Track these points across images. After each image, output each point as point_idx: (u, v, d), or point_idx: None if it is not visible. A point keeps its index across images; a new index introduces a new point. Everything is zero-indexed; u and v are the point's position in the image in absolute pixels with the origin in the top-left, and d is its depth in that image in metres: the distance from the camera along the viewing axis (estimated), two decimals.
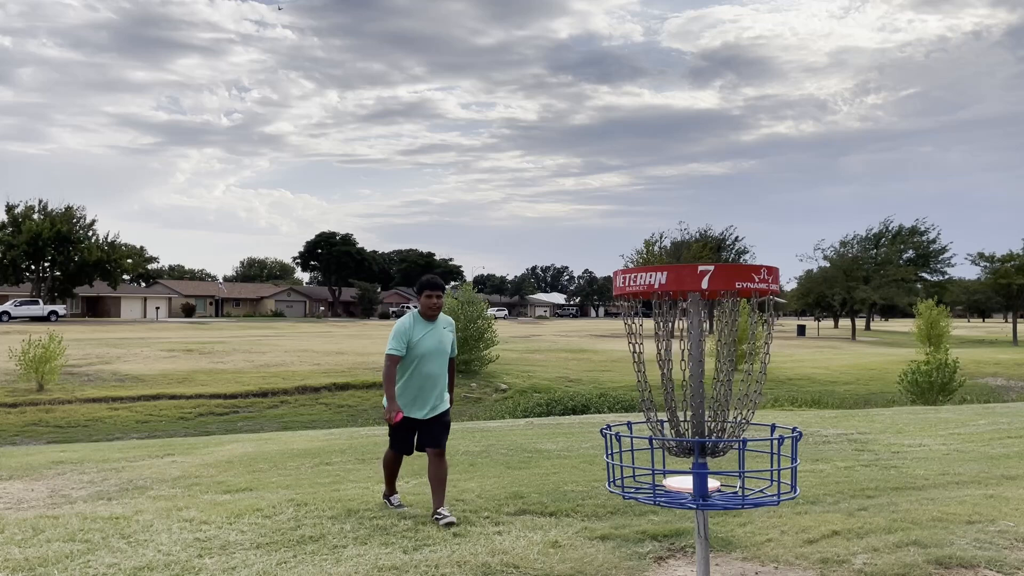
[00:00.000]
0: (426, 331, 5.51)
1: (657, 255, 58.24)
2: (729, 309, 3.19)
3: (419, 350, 5.45)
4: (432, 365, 5.49)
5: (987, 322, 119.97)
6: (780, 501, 3.02)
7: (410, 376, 5.50)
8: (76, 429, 17.75)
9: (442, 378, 5.57)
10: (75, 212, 66.32)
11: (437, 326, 5.56)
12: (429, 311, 5.51)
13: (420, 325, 5.53)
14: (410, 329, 5.50)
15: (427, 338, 5.49)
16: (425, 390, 5.51)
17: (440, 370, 5.54)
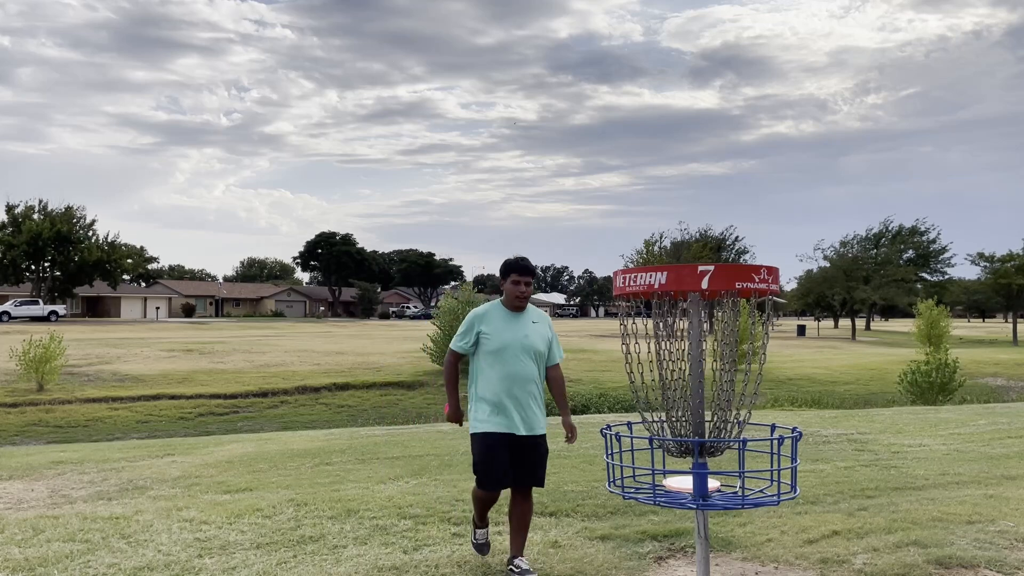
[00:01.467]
0: (507, 322, 4.47)
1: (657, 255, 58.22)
2: (729, 309, 3.20)
3: (494, 344, 4.41)
4: (517, 364, 4.39)
5: (987, 322, 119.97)
6: (780, 501, 3.02)
7: (488, 375, 4.44)
8: (76, 429, 17.75)
9: (533, 384, 4.45)
10: (75, 212, 66.31)
11: (523, 318, 4.52)
12: (516, 301, 4.48)
13: (498, 314, 4.51)
14: (482, 318, 4.50)
15: (507, 330, 4.44)
16: (515, 395, 4.37)
17: (529, 373, 4.42)
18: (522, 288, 4.47)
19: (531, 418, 4.42)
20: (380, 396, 23.55)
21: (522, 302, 4.49)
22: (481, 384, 4.46)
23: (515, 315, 4.51)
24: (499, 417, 4.36)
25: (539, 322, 4.57)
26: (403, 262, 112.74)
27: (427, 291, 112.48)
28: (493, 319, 4.49)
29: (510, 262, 4.50)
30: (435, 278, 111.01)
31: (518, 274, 4.47)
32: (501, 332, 4.44)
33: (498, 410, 4.36)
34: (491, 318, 4.49)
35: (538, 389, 4.49)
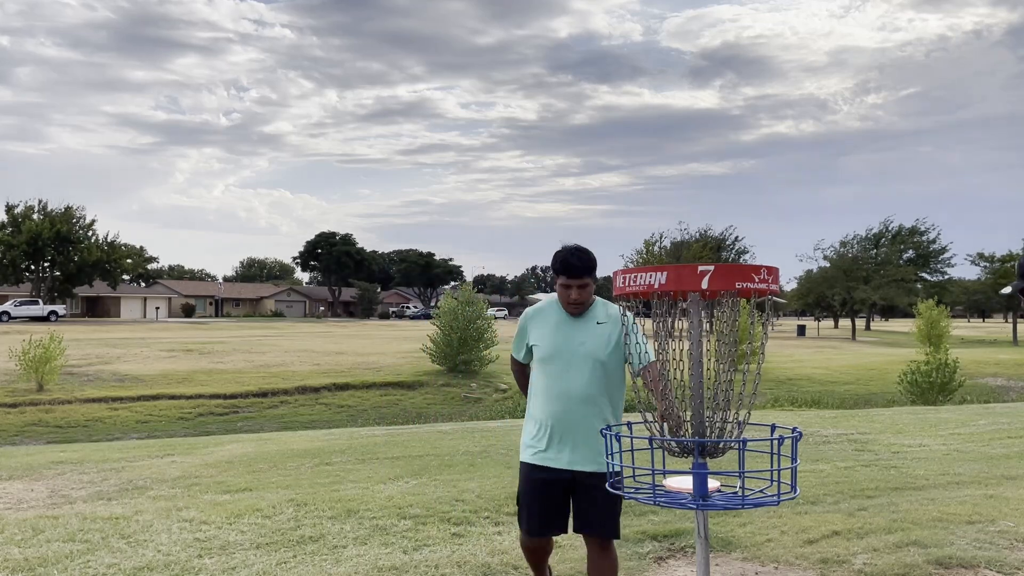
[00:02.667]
0: (562, 323, 3.58)
1: (657, 255, 58.26)
2: (729, 309, 3.19)
3: (542, 351, 3.55)
4: (569, 378, 3.49)
5: (987, 322, 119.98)
6: (780, 501, 3.02)
7: (537, 391, 3.59)
8: (76, 429, 17.75)
9: (593, 406, 3.49)
10: (75, 212, 66.33)
11: (584, 319, 3.57)
12: (568, 308, 3.57)
13: (553, 314, 3.62)
14: (533, 317, 3.69)
15: (560, 334, 3.55)
16: (565, 419, 3.47)
17: (586, 390, 3.48)
18: (573, 294, 3.48)
19: (584, 450, 3.46)
20: (380, 396, 23.55)
21: (577, 309, 3.54)
22: (531, 400, 3.64)
23: (573, 318, 3.58)
24: (543, 444, 3.51)
25: (605, 322, 3.54)
26: (403, 262, 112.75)
27: (427, 291, 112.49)
28: (545, 320, 3.62)
29: (557, 257, 3.50)
30: (435, 278, 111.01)
31: (567, 277, 3.46)
32: (552, 336, 3.55)
33: (543, 436, 3.51)
34: (543, 318, 3.63)
35: (601, 411, 3.49)
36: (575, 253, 3.46)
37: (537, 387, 3.59)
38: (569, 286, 3.49)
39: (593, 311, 3.58)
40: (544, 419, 3.51)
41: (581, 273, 3.47)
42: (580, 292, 3.49)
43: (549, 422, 3.50)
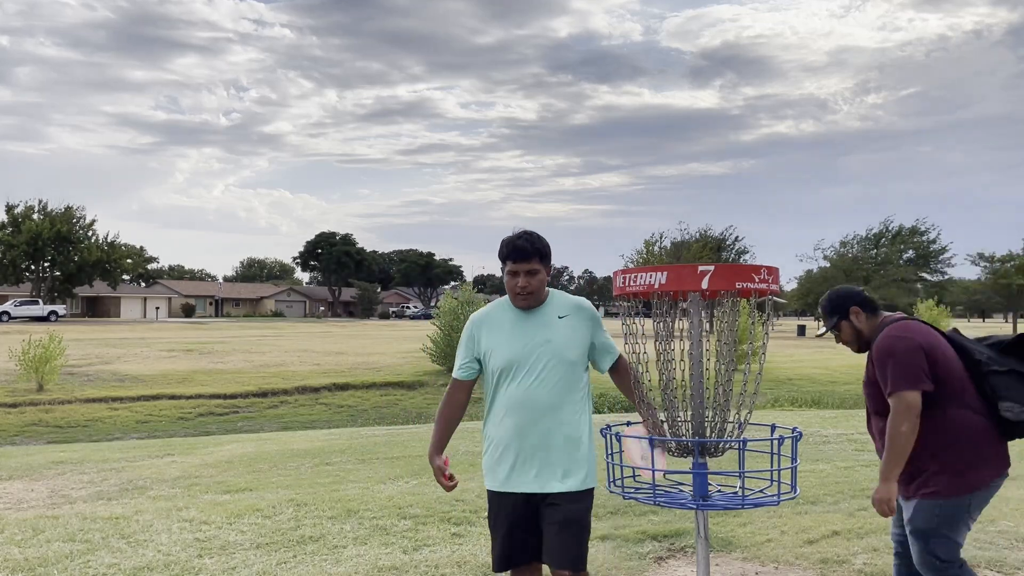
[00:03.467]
0: (517, 325, 3.09)
1: (657, 255, 58.25)
2: (729, 309, 3.20)
3: (499, 358, 3.07)
4: (534, 386, 3.02)
5: (987, 322, 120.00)
6: (780, 501, 3.02)
7: (496, 405, 3.12)
8: (76, 429, 17.75)
9: (560, 416, 3.04)
10: (75, 212, 66.35)
11: (542, 315, 3.10)
12: (516, 300, 3.10)
13: (505, 315, 3.14)
14: (482, 322, 3.18)
15: (517, 337, 3.07)
16: (530, 433, 3.02)
17: (553, 398, 3.03)
18: (520, 282, 3.02)
19: (553, 468, 3.01)
20: (380, 396, 23.54)
21: (528, 300, 3.06)
22: (489, 418, 3.16)
23: (526, 314, 3.10)
24: (505, 468, 3.06)
25: (569, 315, 3.11)
26: (403, 262, 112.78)
27: (427, 291, 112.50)
28: (497, 323, 3.13)
29: (503, 242, 3.10)
30: (435, 278, 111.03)
31: (514, 261, 3.03)
32: (508, 341, 3.06)
33: (505, 457, 3.06)
34: (494, 322, 3.14)
35: (570, 421, 3.05)
36: (523, 235, 3.06)
37: (493, 403, 3.13)
38: (516, 272, 3.03)
39: (551, 304, 3.12)
40: (503, 437, 3.06)
41: (529, 256, 3.02)
42: (528, 280, 3.02)
43: (509, 440, 3.04)
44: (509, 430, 3.05)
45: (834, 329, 3.38)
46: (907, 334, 3.12)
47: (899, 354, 3.07)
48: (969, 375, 3.13)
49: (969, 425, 3.07)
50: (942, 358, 3.11)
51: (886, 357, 3.10)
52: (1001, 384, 3.07)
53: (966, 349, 3.18)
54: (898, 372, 3.05)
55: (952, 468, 3.07)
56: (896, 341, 3.11)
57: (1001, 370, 3.09)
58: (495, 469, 3.10)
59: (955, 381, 3.10)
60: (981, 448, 3.08)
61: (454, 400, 3.22)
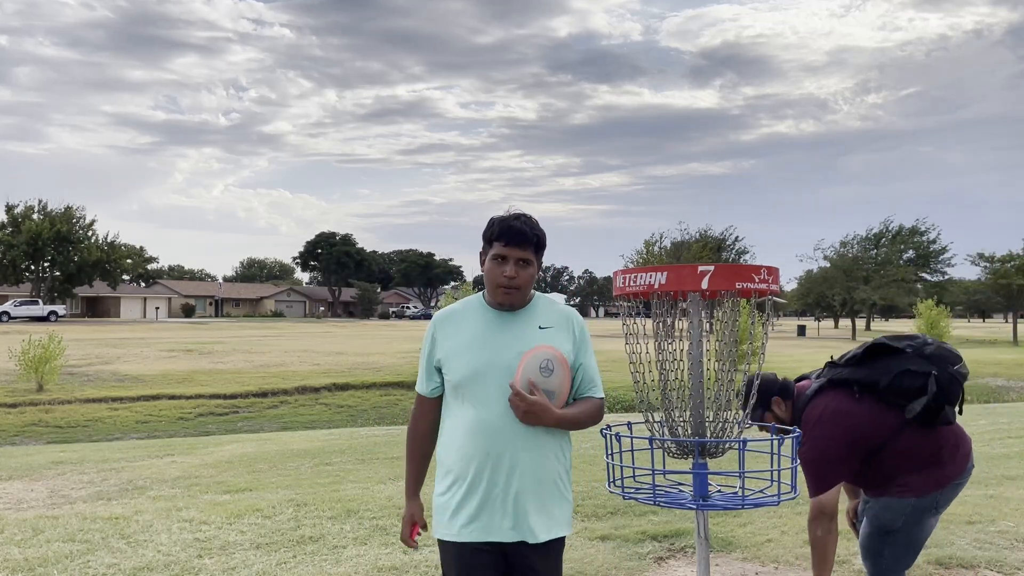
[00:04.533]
0: (487, 328, 2.48)
1: (657, 255, 58.25)
2: (729, 309, 3.20)
3: (460, 369, 2.45)
4: (500, 408, 2.40)
5: (987, 322, 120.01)
6: (780, 501, 3.02)
7: (453, 427, 2.50)
8: (76, 429, 17.75)
9: (544, 441, 2.45)
10: (74, 212, 66.37)
11: (520, 321, 2.50)
12: (499, 293, 2.46)
13: (474, 316, 2.52)
14: (445, 321, 2.55)
15: (485, 343, 2.46)
16: (497, 467, 2.40)
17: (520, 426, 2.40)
18: (508, 270, 2.42)
19: (532, 512, 2.41)
20: (380, 396, 23.54)
21: (511, 296, 2.45)
22: (444, 442, 2.52)
23: (503, 316, 2.50)
24: (469, 510, 2.40)
25: (552, 327, 2.49)
26: (403, 262, 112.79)
27: (427, 291, 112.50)
28: (462, 324, 2.51)
29: (492, 222, 2.49)
30: (435, 278, 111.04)
31: (505, 243, 2.42)
32: (472, 347, 2.44)
33: (468, 497, 2.40)
34: (458, 323, 2.52)
35: (551, 451, 2.47)
36: (520, 216, 2.47)
37: (453, 426, 2.47)
38: (504, 258, 2.42)
39: (533, 309, 2.52)
40: (466, 471, 2.40)
41: (525, 241, 2.42)
42: (518, 270, 2.42)
43: (475, 474, 2.40)
44: (473, 461, 2.40)
45: (759, 420, 3.39)
46: (823, 437, 3.17)
47: (814, 462, 3.17)
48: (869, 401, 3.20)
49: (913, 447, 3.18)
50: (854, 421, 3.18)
51: (803, 463, 3.19)
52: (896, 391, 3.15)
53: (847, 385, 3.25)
54: (811, 480, 3.18)
55: (916, 473, 3.19)
56: (810, 449, 3.19)
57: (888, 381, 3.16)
58: (454, 512, 2.41)
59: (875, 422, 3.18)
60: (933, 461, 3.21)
61: (421, 427, 2.58)
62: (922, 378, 3.11)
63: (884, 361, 3.20)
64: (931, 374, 3.11)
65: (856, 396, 3.19)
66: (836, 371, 3.31)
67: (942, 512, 3.29)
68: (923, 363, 3.14)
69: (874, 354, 3.24)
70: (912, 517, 3.16)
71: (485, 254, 2.50)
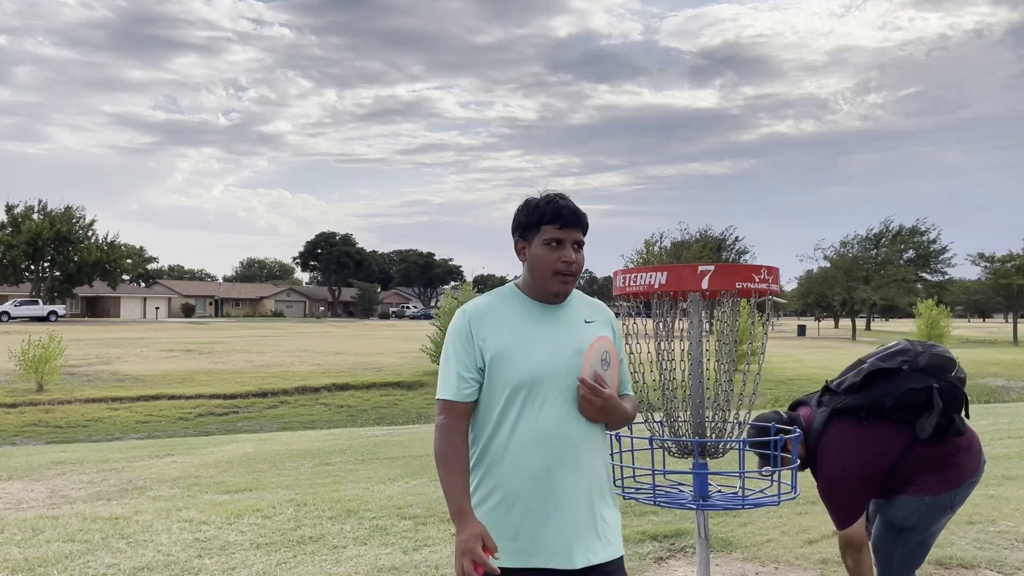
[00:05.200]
0: (535, 325, 2.22)
1: (657, 255, 58.25)
2: (729, 309, 3.20)
3: (512, 373, 2.16)
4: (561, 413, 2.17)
5: (987, 322, 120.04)
6: (780, 501, 3.02)
7: (502, 442, 2.17)
8: (76, 429, 17.75)
9: (600, 449, 2.26)
10: (74, 212, 66.38)
11: (565, 315, 2.27)
12: (556, 283, 2.22)
13: (514, 311, 2.25)
14: (482, 318, 2.23)
15: (539, 342, 2.20)
16: (556, 483, 2.15)
17: (591, 430, 2.21)
18: (568, 254, 2.19)
19: (592, 529, 2.18)
20: (380, 396, 23.54)
21: (569, 284, 2.23)
22: (490, 457, 2.19)
23: (548, 310, 2.24)
24: (526, 530, 2.13)
25: (594, 320, 2.30)
26: (403, 262, 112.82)
27: (427, 291, 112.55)
28: (507, 320, 2.21)
29: (538, 204, 2.24)
30: (435, 278, 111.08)
31: (560, 225, 2.20)
32: (528, 346, 2.17)
33: (528, 515, 2.13)
34: (502, 318, 2.22)
35: (605, 462, 2.29)
36: (563, 196, 2.26)
37: (500, 435, 2.16)
38: (560, 241, 2.19)
39: (571, 302, 2.30)
40: (518, 488, 2.13)
41: (577, 223, 2.22)
42: (577, 254, 2.22)
43: (530, 492, 2.13)
44: (529, 477, 2.12)
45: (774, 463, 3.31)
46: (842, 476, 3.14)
47: (836, 499, 3.15)
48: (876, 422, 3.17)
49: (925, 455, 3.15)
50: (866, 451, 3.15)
51: (825, 500, 3.19)
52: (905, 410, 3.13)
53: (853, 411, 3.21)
54: (839, 515, 3.14)
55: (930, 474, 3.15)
56: (830, 487, 3.17)
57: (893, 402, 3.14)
58: (506, 532, 2.12)
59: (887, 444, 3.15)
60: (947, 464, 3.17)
61: (456, 436, 2.18)
62: (925, 393, 3.09)
63: (883, 384, 3.19)
64: (933, 388, 3.08)
65: (864, 423, 3.17)
66: (837, 399, 3.27)
67: (956, 511, 3.26)
68: (923, 378, 3.11)
69: (873, 379, 3.22)
70: (926, 515, 3.15)
71: (528, 241, 2.24)
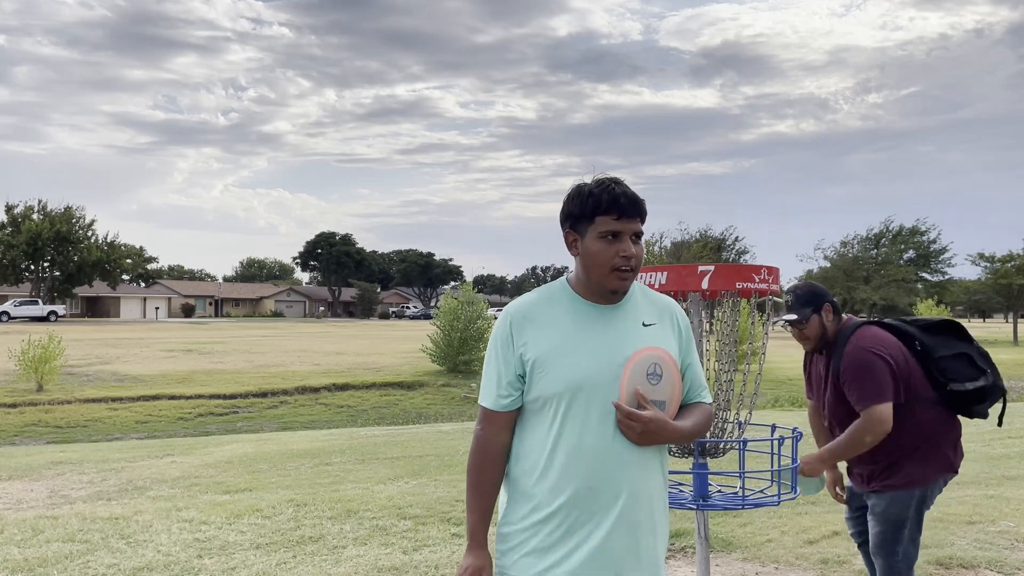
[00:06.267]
0: (586, 326, 1.99)
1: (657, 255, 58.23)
2: (729, 309, 3.20)
3: (557, 379, 1.95)
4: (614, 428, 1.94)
5: (987, 322, 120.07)
6: (780, 501, 3.02)
7: (544, 455, 1.97)
8: (75, 429, 17.74)
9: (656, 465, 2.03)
10: (74, 212, 66.37)
11: (623, 318, 2.02)
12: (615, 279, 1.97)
13: (563, 311, 2.02)
14: (524, 318, 2.02)
15: (584, 347, 1.97)
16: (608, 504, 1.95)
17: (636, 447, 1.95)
18: (628, 247, 1.95)
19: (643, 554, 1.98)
20: (380, 396, 23.54)
21: (628, 280, 1.98)
22: (529, 471, 2.00)
23: (601, 311, 2.01)
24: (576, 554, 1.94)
25: (655, 323, 2.05)
26: (403, 262, 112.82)
27: (427, 291, 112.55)
28: (553, 320, 2.00)
29: (591, 192, 1.98)
30: (435, 278, 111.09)
31: (618, 215, 1.95)
32: (573, 351, 1.95)
33: (571, 537, 1.94)
34: (547, 318, 2.00)
35: (660, 477, 2.04)
36: (619, 181, 1.99)
37: (540, 447, 1.97)
38: (618, 233, 1.95)
39: (632, 301, 2.05)
40: (562, 507, 1.94)
41: (636, 213, 1.97)
42: (637, 247, 1.98)
43: (574, 513, 1.93)
44: (569, 497, 1.93)
45: (800, 322, 3.27)
46: (879, 349, 3.16)
47: (876, 370, 3.12)
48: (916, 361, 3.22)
49: (932, 422, 3.18)
50: (903, 363, 3.19)
51: (863, 371, 3.13)
52: (949, 368, 3.20)
53: (909, 337, 3.27)
54: (874, 388, 3.10)
55: (922, 459, 3.17)
56: (872, 357, 3.14)
57: (948, 354, 3.21)
58: (541, 553, 1.95)
59: (916, 381, 3.20)
60: (942, 445, 3.21)
61: (494, 450, 2.02)
62: (977, 371, 3.18)
63: (951, 338, 3.24)
64: (987, 373, 3.20)
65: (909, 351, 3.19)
66: (898, 321, 3.31)
67: (929, 507, 3.29)
68: (984, 360, 3.23)
69: (946, 328, 3.27)
70: (917, 507, 3.17)
71: (581, 234, 1.99)
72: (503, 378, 2.00)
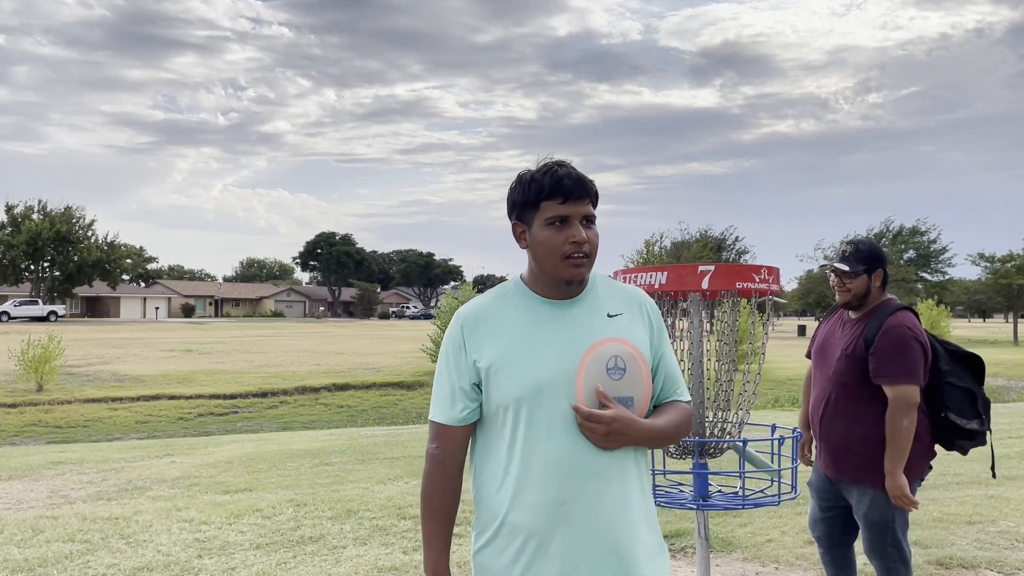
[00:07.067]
0: (541, 325, 1.83)
1: (657, 255, 58.25)
2: (729, 309, 3.20)
3: (513, 385, 1.78)
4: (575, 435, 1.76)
5: (988, 322, 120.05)
6: (780, 501, 3.02)
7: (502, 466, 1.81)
8: (75, 429, 17.74)
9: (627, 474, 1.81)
10: (74, 212, 66.39)
11: (583, 312, 1.86)
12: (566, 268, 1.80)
13: (516, 310, 1.85)
14: (476, 322, 1.86)
15: (541, 347, 1.80)
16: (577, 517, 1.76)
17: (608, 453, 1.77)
18: (577, 232, 1.79)
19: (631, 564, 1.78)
20: (380, 396, 23.53)
21: (583, 268, 1.81)
22: (489, 483, 1.85)
23: (559, 307, 1.86)
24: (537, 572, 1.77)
25: (622, 313, 1.91)
26: (403, 262, 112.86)
27: (427, 291, 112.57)
28: (506, 321, 1.85)
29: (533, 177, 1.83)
30: (435, 278, 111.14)
31: (563, 199, 1.79)
32: (529, 352, 1.80)
33: (539, 555, 1.77)
34: (500, 320, 1.85)
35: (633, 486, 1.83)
36: (563, 164, 1.85)
37: (501, 462, 1.82)
38: (566, 218, 1.80)
39: (594, 292, 1.91)
40: (529, 522, 1.77)
41: (584, 194, 1.81)
42: (588, 232, 1.81)
43: (543, 528, 1.77)
44: (538, 514, 1.77)
45: (851, 275, 3.20)
46: (922, 336, 3.15)
47: (915, 352, 3.08)
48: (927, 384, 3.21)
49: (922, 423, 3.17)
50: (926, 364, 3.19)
51: (903, 347, 3.08)
52: (952, 397, 3.19)
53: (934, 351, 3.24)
54: (909, 366, 3.05)
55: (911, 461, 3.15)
56: (915, 340, 3.11)
57: (958, 384, 3.20)
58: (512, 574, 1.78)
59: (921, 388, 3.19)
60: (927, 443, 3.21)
61: (449, 469, 1.87)
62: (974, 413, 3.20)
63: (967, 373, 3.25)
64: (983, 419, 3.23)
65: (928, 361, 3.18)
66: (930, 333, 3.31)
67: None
68: (984, 407, 3.24)
69: (968, 361, 3.27)
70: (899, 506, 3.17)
71: (527, 224, 1.84)
72: (457, 389, 1.84)
